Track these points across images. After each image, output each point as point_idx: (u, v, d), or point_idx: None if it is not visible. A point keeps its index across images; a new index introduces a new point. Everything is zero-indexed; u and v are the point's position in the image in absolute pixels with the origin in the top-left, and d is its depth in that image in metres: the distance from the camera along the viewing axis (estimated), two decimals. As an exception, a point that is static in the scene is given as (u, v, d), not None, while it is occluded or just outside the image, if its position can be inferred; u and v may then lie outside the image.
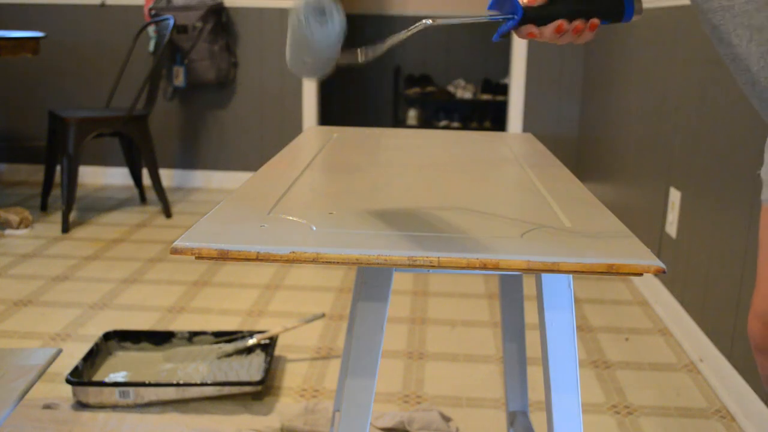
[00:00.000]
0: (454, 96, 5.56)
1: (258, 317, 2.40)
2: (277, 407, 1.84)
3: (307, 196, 0.93)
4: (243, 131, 4.21)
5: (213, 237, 0.73)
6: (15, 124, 4.30)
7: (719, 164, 2.04)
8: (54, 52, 4.07)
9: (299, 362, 2.10)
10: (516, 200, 0.94)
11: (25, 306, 2.45)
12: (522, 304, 1.34)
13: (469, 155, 1.23)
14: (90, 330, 2.27)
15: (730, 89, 2.01)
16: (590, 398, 1.93)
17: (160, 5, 3.85)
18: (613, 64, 3.36)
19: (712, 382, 2.00)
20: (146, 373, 1.96)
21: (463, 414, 1.84)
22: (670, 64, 2.53)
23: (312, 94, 4.12)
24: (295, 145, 1.29)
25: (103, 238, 3.24)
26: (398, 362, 2.10)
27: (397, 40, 0.82)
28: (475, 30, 5.64)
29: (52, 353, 1.29)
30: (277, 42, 4.08)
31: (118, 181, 4.27)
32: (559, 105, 4.08)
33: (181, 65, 3.94)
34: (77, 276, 2.76)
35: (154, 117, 4.07)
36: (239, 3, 4.03)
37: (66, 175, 3.29)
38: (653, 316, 2.48)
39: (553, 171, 1.13)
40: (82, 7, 4.08)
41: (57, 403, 1.81)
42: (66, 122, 3.29)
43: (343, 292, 2.64)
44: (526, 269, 0.69)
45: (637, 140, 2.91)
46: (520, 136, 1.48)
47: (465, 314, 2.46)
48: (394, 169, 1.10)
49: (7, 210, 3.34)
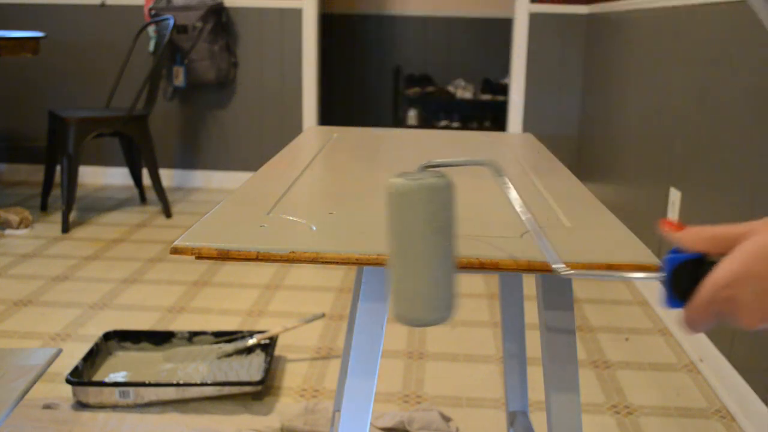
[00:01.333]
0: (454, 96, 5.56)
1: (258, 317, 2.40)
2: (277, 407, 1.84)
3: (307, 196, 0.93)
4: (243, 131, 4.21)
5: (213, 237, 0.73)
6: (15, 124, 4.30)
7: (719, 164, 2.04)
8: (54, 52, 4.07)
9: (299, 362, 2.10)
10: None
11: (25, 306, 2.45)
12: (522, 304, 1.34)
13: (469, 155, 1.23)
14: (90, 330, 2.27)
15: (730, 89, 2.01)
16: (590, 398, 1.93)
17: (160, 5, 3.85)
18: (613, 64, 3.36)
19: (712, 382, 2.00)
20: (146, 373, 1.96)
21: (463, 414, 1.84)
22: (670, 64, 2.53)
23: (312, 94, 4.12)
24: (295, 145, 1.29)
25: (103, 238, 3.24)
26: (398, 362, 2.10)
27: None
28: (475, 30, 5.64)
29: (52, 353, 1.29)
30: (277, 42, 4.08)
31: (118, 181, 4.27)
32: (559, 105, 4.08)
33: (181, 65, 3.94)
34: (77, 276, 2.76)
35: (154, 117, 4.07)
36: (239, 3, 4.03)
37: (66, 175, 3.29)
38: (653, 316, 2.48)
39: (553, 171, 1.13)
40: (82, 7, 4.08)
41: (57, 403, 1.81)
42: (66, 122, 3.29)
43: (343, 292, 2.64)
44: (526, 269, 0.69)
45: (637, 140, 2.90)
46: (520, 136, 1.48)
47: (465, 314, 2.46)
48: (394, 169, 1.10)
49: (7, 210, 3.34)
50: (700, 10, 2.29)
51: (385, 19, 5.68)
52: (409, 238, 0.55)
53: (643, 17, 2.92)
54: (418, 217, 0.54)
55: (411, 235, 0.55)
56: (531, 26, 3.98)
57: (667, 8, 2.60)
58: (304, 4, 4.01)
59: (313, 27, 4.03)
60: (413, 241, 0.55)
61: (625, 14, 3.19)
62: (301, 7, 4.01)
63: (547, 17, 3.98)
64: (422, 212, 0.55)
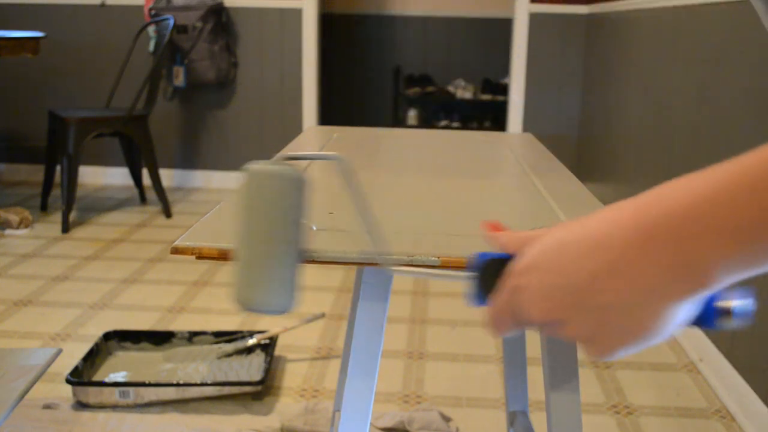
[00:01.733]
0: (454, 96, 5.56)
1: (258, 317, 2.40)
2: (277, 407, 1.84)
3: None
4: (243, 131, 4.21)
5: (213, 236, 0.73)
6: (15, 124, 4.30)
7: (719, 164, 2.03)
8: (54, 52, 4.07)
9: (299, 362, 2.10)
10: (516, 200, 0.94)
11: (25, 306, 2.45)
12: (522, 304, 1.33)
13: (469, 155, 1.23)
14: (90, 330, 2.27)
15: (730, 89, 2.01)
16: (590, 398, 1.93)
17: (160, 5, 3.85)
18: (613, 64, 3.36)
19: (712, 382, 2.00)
20: (146, 373, 1.96)
21: (463, 414, 1.84)
22: (670, 64, 2.53)
23: (312, 94, 4.12)
24: (295, 145, 1.29)
25: (103, 238, 3.24)
26: (398, 362, 2.10)
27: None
28: (475, 30, 5.64)
29: (52, 353, 1.29)
30: (277, 42, 4.08)
31: (118, 181, 4.27)
32: (559, 105, 4.08)
33: (181, 65, 3.94)
34: (77, 276, 2.76)
35: (154, 117, 4.07)
36: (239, 3, 4.03)
37: (66, 175, 3.29)
38: (653, 316, 2.48)
39: (553, 171, 1.13)
40: (82, 7, 4.08)
41: (57, 403, 1.81)
42: (66, 122, 3.29)
43: (343, 292, 2.64)
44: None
45: (637, 140, 2.90)
46: (520, 136, 1.48)
47: (465, 314, 2.46)
48: (394, 168, 1.10)
49: (7, 210, 3.34)
50: (700, 10, 2.29)
51: (385, 19, 5.68)
52: (251, 223, 0.56)
53: (643, 17, 2.92)
54: (263, 204, 0.55)
55: (253, 221, 0.55)
56: (531, 26, 3.98)
57: (667, 8, 2.60)
58: (304, 4, 4.01)
59: (313, 27, 4.03)
60: (255, 227, 0.55)
61: (625, 14, 3.19)
62: (301, 7, 4.01)
63: (547, 17, 3.98)
64: (267, 199, 0.55)
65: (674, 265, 0.39)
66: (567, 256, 0.44)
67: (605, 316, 0.43)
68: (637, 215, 0.41)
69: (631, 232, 0.41)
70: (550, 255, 0.45)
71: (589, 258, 0.43)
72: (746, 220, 0.36)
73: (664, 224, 0.39)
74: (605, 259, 0.42)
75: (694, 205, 0.38)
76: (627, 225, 0.41)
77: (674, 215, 0.39)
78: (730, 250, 0.37)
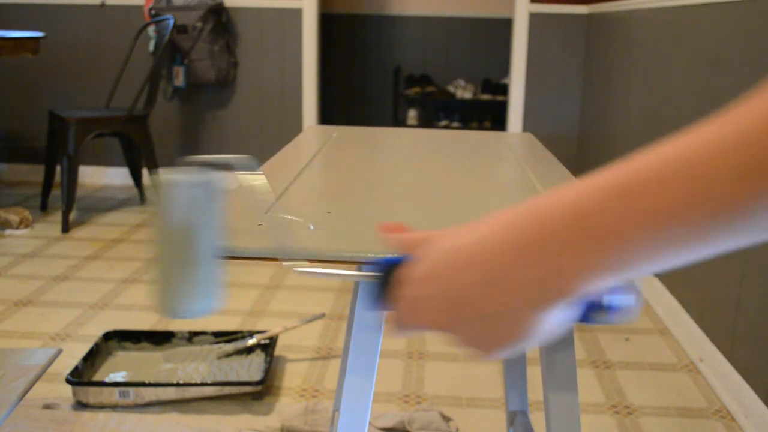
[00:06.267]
0: (454, 96, 5.56)
1: (258, 317, 2.40)
2: (277, 407, 1.84)
3: (305, 195, 0.93)
4: (243, 131, 4.21)
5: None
6: (15, 124, 4.30)
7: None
8: (54, 52, 4.07)
9: (299, 362, 2.10)
10: (516, 200, 0.94)
11: (25, 306, 2.45)
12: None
13: (468, 155, 1.23)
14: (90, 330, 2.27)
15: (730, 89, 2.01)
16: (590, 398, 1.93)
17: (160, 5, 3.85)
18: (614, 63, 3.36)
19: (712, 382, 2.00)
20: (146, 373, 1.96)
21: (463, 414, 1.83)
22: (670, 64, 2.53)
23: (312, 94, 4.12)
24: (295, 145, 1.29)
25: (103, 238, 3.24)
26: (398, 362, 2.10)
27: None
28: (475, 30, 5.64)
29: (52, 353, 1.29)
30: (277, 42, 4.08)
31: (118, 181, 4.27)
32: (559, 105, 4.08)
33: (181, 65, 3.94)
34: (77, 276, 2.76)
35: (154, 117, 4.07)
36: (239, 3, 4.03)
37: (66, 175, 3.29)
38: (653, 316, 2.48)
39: (553, 171, 1.13)
40: (82, 7, 4.08)
41: (57, 403, 1.81)
42: (66, 122, 3.29)
43: (343, 292, 2.64)
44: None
45: (637, 140, 2.90)
46: (520, 136, 1.48)
47: (465, 314, 2.46)
48: (394, 168, 1.10)
49: (7, 210, 3.34)
50: (700, 10, 2.29)
51: (385, 19, 5.68)
52: (162, 232, 0.57)
53: (643, 17, 2.92)
54: (172, 212, 0.56)
55: (164, 229, 0.57)
56: (531, 26, 3.98)
57: (667, 8, 2.60)
58: (304, 4, 4.01)
59: (313, 27, 4.03)
60: (167, 236, 0.57)
61: (625, 14, 3.19)
62: (301, 7, 4.01)
63: (547, 17, 3.97)
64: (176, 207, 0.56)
65: (541, 277, 0.41)
66: (453, 266, 0.45)
67: (484, 324, 0.45)
68: (515, 226, 0.42)
69: (508, 244, 0.42)
70: (442, 263, 0.46)
71: (470, 268, 0.44)
72: (602, 231, 0.38)
73: (533, 237, 0.41)
74: (483, 270, 0.43)
75: (560, 218, 0.40)
76: (504, 237, 0.43)
77: (543, 228, 0.41)
78: (590, 261, 0.39)
